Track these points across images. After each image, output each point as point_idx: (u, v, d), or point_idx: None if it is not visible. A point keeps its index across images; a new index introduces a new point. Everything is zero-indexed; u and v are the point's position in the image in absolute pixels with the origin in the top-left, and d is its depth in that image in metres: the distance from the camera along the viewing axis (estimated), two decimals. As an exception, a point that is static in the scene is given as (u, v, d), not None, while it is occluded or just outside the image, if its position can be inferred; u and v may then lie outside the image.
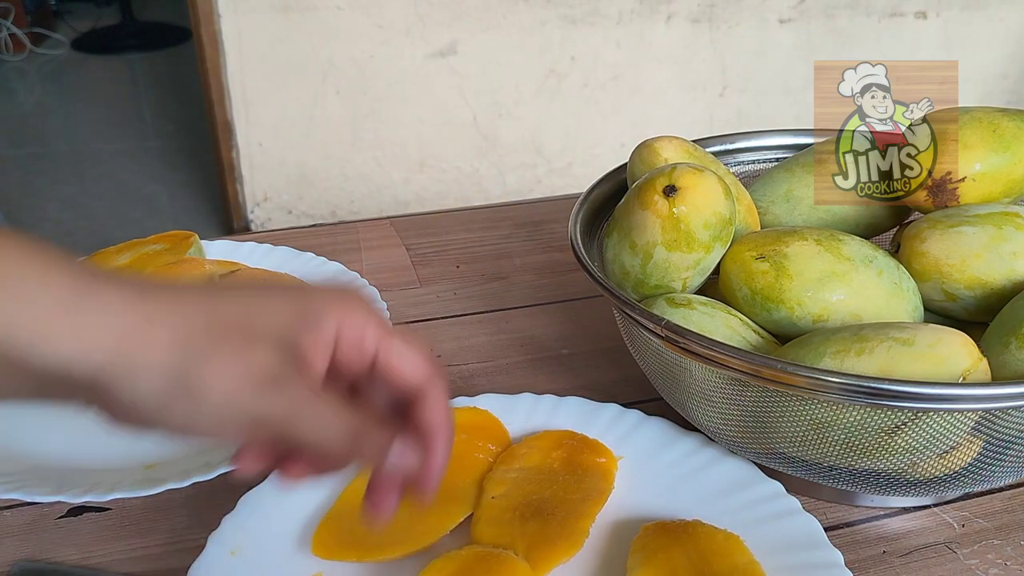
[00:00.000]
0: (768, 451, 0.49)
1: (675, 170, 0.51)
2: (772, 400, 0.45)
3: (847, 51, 1.91)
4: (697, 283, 0.54)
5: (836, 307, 0.50)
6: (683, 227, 0.50)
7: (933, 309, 0.53)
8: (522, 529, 0.45)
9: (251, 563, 0.44)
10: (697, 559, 0.43)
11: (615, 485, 0.49)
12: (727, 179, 0.58)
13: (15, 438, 0.54)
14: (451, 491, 0.48)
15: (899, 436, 0.43)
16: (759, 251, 0.51)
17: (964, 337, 0.45)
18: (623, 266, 0.54)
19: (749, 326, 0.52)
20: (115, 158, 2.53)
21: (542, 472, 0.49)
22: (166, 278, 0.39)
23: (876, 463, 0.45)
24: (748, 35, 1.88)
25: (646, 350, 0.51)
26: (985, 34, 2.00)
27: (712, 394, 0.48)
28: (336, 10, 1.66)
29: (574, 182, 1.91)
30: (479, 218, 0.86)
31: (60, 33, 3.39)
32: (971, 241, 0.50)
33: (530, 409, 0.54)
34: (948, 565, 0.47)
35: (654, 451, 0.52)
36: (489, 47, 1.77)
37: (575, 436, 0.52)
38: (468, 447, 0.50)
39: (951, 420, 0.43)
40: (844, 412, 0.43)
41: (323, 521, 0.47)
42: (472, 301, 0.72)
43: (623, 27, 1.82)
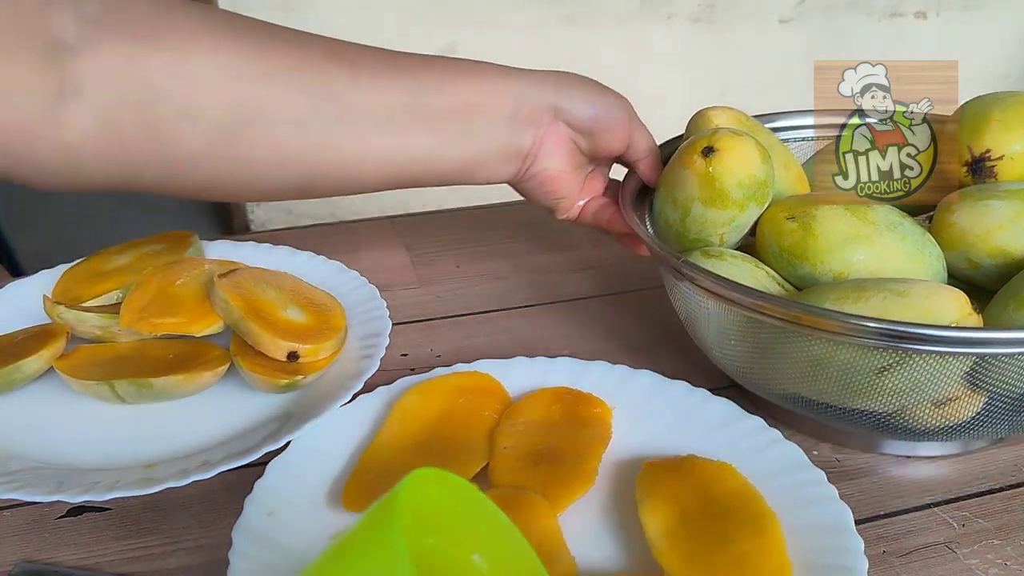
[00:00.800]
0: (779, 390, 0.54)
1: (715, 133, 0.56)
2: (775, 338, 0.50)
3: (847, 51, 1.91)
4: (733, 239, 0.59)
5: (857, 266, 0.54)
6: (717, 185, 0.55)
7: (958, 276, 0.57)
8: (536, 473, 0.49)
9: (287, 522, 0.46)
10: (696, 487, 0.48)
11: (613, 432, 0.53)
12: (775, 149, 0.62)
13: (15, 438, 0.54)
14: (465, 445, 0.52)
15: (887, 377, 0.47)
16: (790, 212, 0.56)
17: (958, 293, 0.48)
18: (666, 220, 0.60)
19: (774, 279, 0.56)
20: (115, 158, 2.53)
21: (545, 424, 0.53)
22: None
23: (868, 403, 0.49)
24: (748, 35, 1.88)
25: (677, 294, 0.57)
26: (985, 34, 2.00)
27: (730, 333, 0.53)
28: (336, 10, 1.66)
29: (574, 182, 1.91)
30: (479, 218, 0.86)
31: (60, 33, 3.38)
32: (997, 214, 0.54)
33: (525, 371, 0.58)
34: (948, 565, 0.47)
35: (644, 399, 0.56)
36: (489, 47, 1.77)
37: (570, 391, 0.56)
38: (474, 406, 0.54)
39: (935, 365, 0.47)
40: (837, 351, 0.48)
41: (351, 477, 0.49)
42: (472, 301, 0.72)
43: (623, 27, 1.82)
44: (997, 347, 0.45)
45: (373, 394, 0.55)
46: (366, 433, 0.53)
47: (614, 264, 0.77)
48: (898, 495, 0.52)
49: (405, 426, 0.52)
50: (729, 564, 0.43)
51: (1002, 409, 0.50)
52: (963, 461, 0.55)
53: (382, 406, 0.54)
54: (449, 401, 0.54)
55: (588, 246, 0.80)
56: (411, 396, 0.54)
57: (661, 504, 0.47)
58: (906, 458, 0.55)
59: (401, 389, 0.55)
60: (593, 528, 0.48)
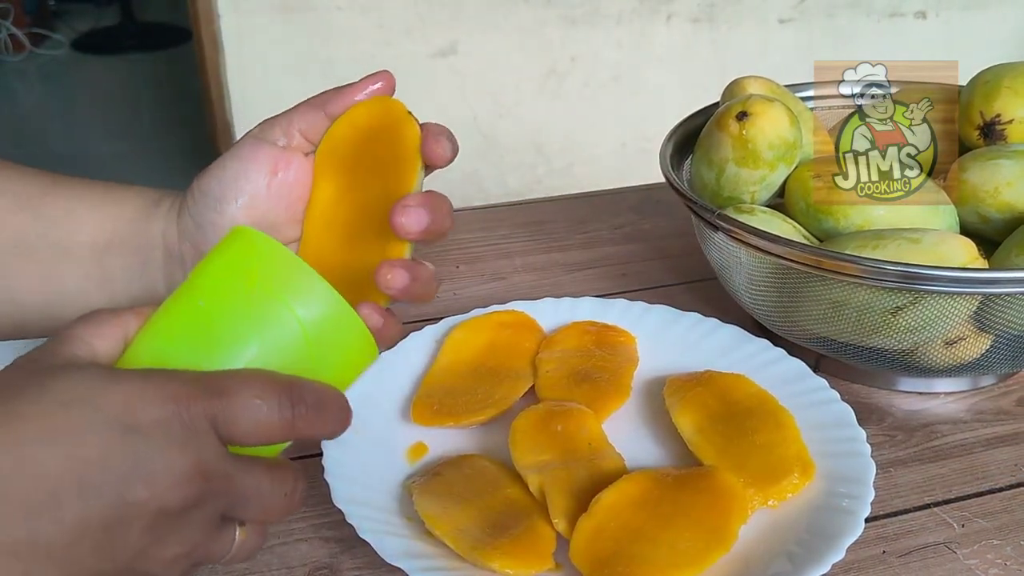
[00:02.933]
0: (802, 332, 0.59)
1: (749, 99, 0.61)
2: (801, 283, 0.56)
3: (847, 51, 1.91)
4: (764, 197, 0.64)
5: (877, 220, 0.59)
6: (750, 146, 0.60)
7: (969, 230, 0.61)
8: (578, 390, 0.56)
9: (368, 436, 0.52)
10: (718, 394, 0.54)
11: (639, 355, 0.60)
12: (803, 115, 0.67)
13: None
14: (511, 370, 0.59)
15: (901, 316, 0.53)
16: (816, 171, 0.62)
17: (967, 240, 0.54)
18: (702, 179, 0.65)
19: (800, 231, 0.61)
20: (115, 159, 2.53)
21: (580, 350, 0.60)
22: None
23: (885, 341, 0.55)
24: (748, 35, 1.88)
25: (710, 246, 0.62)
26: (985, 34, 2.00)
27: (759, 280, 0.58)
28: (336, 10, 1.66)
29: (574, 182, 1.91)
30: (479, 218, 0.86)
31: (60, 34, 3.39)
32: (1006, 172, 0.59)
33: (553, 310, 0.64)
34: (948, 565, 0.47)
35: (662, 328, 0.63)
36: (489, 47, 1.77)
37: (597, 324, 0.63)
38: (516, 338, 0.62)
39: (945, 304, 0.52)
40: (856, 293, 0.53)
41: (417, 396, 0.56)
42: (472, 301, 0.72)
43: (623, 27, 1.82)
44: (1001, 287, 0.51)
45: (422, 332, 0.62)
46: (422, 362, 0.60)
47: (614, 265, 0.77)
48: (898, 495, 0.52)
49: (458, 355, 0.60)
50: (755, 452, 0.50)
51: (1006, 347, 0.55)
52: (965, 460, 0.55)
53: (432, 342, 0.61)
54: (493, 334, 0.62)
55: (588, 246, 0.80)
56: (459, 331, 0.62)
57: (690, 409, 0.54)
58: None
59: (448, 327, 0.62)
60: (632, 433, 0.55)
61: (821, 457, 0.50)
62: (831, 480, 0.49)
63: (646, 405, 0.57)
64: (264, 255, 0.36)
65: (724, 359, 0.59)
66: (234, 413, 0.32)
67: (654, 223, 0.84)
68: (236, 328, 0.35)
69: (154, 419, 0.31)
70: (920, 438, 0.57)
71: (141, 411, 0.31)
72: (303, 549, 0.49)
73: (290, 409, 0.33)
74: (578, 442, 0.52)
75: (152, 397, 0.31)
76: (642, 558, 0.44)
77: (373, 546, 0.44)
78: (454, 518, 0.47)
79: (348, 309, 0.36)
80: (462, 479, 0.50)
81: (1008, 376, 0.62)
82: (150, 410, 0.31)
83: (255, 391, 0.33)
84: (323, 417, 0.35)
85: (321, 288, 0.36)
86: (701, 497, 0.47)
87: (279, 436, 0.34)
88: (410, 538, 0.46)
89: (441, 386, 0.57)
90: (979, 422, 0.58)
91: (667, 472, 0.49)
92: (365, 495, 0.48)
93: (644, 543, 0.44)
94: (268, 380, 0.33)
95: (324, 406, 0.35)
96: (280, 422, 0.33)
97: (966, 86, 0.66)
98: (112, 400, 0.31)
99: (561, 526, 0.46)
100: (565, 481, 0.48)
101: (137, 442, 0.30)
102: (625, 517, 0.46)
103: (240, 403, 0.32)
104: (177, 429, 0.31)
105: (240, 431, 0.32)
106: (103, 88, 3.12)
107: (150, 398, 0.31)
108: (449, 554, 0.45)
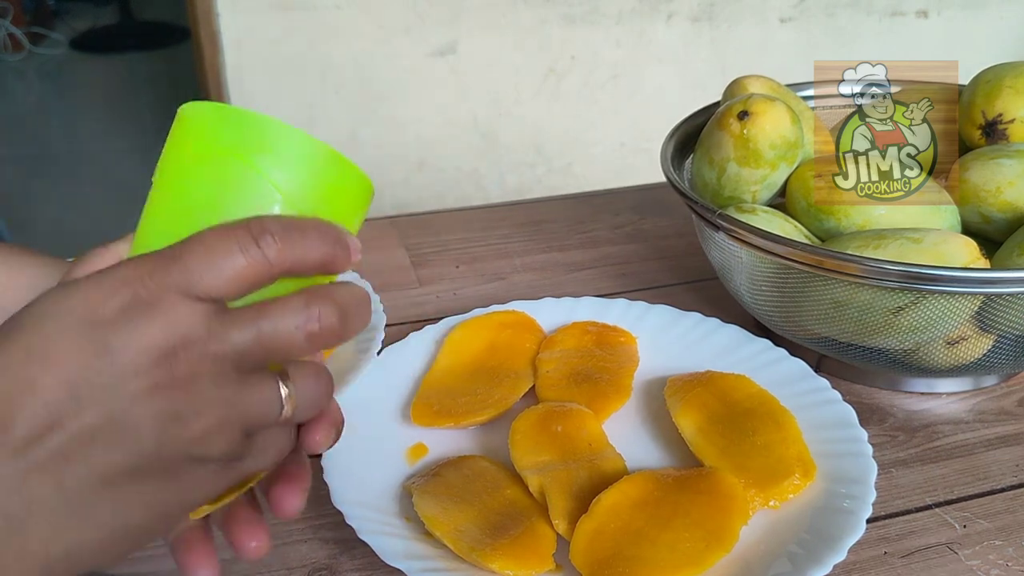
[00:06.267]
0: (804, 332, 0.59)
1: (750, 99, 0.60)
2: (803, 283, 0.55)
3: (847, 51, 1.91)
4: (765, 197, 0.64)
5: (878, 220, 0.59)
6: (751, 146, 0.60)
7: (971, 229, 0.61)
8: (578, 389, 0.56)
9: (368, 436, 0.53)
10: (719, 394, 0.54)
11: (639, 356, 0.60)
12: (804, 114, 0.66)
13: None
14: (511, 370, 0.59)
15: (903, 316, 0.52)
16: (817, 171, 0.61)
17: (968, 240, 0.54)
18: (703, 178, 0.64)
19: (802, 231, 0.61)
20: (114, 158, 2.53)
21: (580, 351, 0.60)
22: None
23: (886, 341, 0.55)
24: (748, 34, 1.87)
25: (712, 246, 0.62)
26: (985, 34, 2.00)
27: (761, 280, 0.58)
28: (335, 9, 1.65)
29: (574, 182, 1.91)
30: (479, 218, 0.86)
31: (59, 33, 3.38)
32: (1007, 171, 0.59)
33: (553, 310, 0.64)
34: (950, 566, 0.47)
35: (662, 329, 0.62)
36: (489, 46, 1.77)
37: (597, 324, 0.62)
38: (516, 339, 0.62)
39: (947, 304, 0.52)
40: (858, 293, 0.53)
41: (417, 396, 0.56)
42: (472, 301, 0.72)
43: (623, 26, 1.82)
44: (1003, 287, 0.50)
45: (422, 332, 0.62)
46: (422, 363, 0.60)
47: (614, 265, 0.77)
48: (899, 495, 0.52)
49: (458, 356, 0.60)
50: (757, 452, 0.50)
51: (1008, 347, 0.55)
52: (967, 461, 0.55)
53: (432, 342, 0.61)
54: (493, 334, 0.61)
55: (588, 247, 0.80)
56: (459, 331, 0.61)
57: (691, 409, 0.53)
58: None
59: (448, 327, 0.62)
60: (633, 433, 0.55)
61: (822, 458, 0.50)
62: (832, 481, 0.49)
63: (647, 405, 0.57)
64: (210, 120, 0.34)
65: (725, 359, 0.59)
66: (195, 270, 0.31)
67: (654, 223, 0.84)
68: (204, 201, 0.34)
69: (116, 307, 0.31)
70: (922, 438, 0.57)
71: (103, 304, 0.31)
72: (303, 550, 0.49)
73: (253, 242, 0.31)
74: (578, 443, 0.52)
75: (109, 287, 0.31)
76: (643, 559, 0.44)
77: (373, 547, 0.44)
78: (454, 519, 0.47)
79: (321, 146, 0.34)
80: (462, 480, 0.50)
81: (1010, 376, 0.62)
82: (111, 301, 0.31)
83: (207, 241, 0.31)
84: (304, 242, 0.32)
85: (275, 130, 0.34)
86: (702, 498, 0.47)
87: (255, 276, 0.32)
88: (410, 539, 0.46)
89: (441, 387, 0.57)
90: (981, 422, 0.58)
91: (668, 473, 0.49)
92: (365, 496, 0.49)
93: (645, 544, 0.44)
94: (221, 227, 0.32)
95: (298, 229, 0.32)
96: (249, 260, 0.31)
97: (967, 85, 0.66)
98: (75, 303, 0.31)
99: (561, 527, 0.46)
100: (565, 482, 0.48)
101: (107, 334, 0.30)
102: (625, 518, 0.46)
103: (195, 259, 0.31)
104: (141, 308, 0.31)
105: (210, 284, 0.31)
106: (102, 87, 3.11)
107: (107, 289, 0.31)
108: (449, 555, 0.45)
